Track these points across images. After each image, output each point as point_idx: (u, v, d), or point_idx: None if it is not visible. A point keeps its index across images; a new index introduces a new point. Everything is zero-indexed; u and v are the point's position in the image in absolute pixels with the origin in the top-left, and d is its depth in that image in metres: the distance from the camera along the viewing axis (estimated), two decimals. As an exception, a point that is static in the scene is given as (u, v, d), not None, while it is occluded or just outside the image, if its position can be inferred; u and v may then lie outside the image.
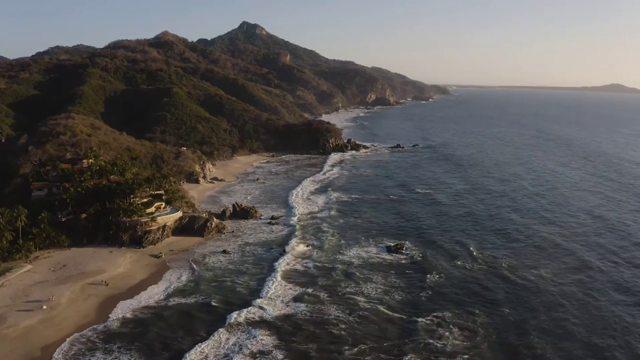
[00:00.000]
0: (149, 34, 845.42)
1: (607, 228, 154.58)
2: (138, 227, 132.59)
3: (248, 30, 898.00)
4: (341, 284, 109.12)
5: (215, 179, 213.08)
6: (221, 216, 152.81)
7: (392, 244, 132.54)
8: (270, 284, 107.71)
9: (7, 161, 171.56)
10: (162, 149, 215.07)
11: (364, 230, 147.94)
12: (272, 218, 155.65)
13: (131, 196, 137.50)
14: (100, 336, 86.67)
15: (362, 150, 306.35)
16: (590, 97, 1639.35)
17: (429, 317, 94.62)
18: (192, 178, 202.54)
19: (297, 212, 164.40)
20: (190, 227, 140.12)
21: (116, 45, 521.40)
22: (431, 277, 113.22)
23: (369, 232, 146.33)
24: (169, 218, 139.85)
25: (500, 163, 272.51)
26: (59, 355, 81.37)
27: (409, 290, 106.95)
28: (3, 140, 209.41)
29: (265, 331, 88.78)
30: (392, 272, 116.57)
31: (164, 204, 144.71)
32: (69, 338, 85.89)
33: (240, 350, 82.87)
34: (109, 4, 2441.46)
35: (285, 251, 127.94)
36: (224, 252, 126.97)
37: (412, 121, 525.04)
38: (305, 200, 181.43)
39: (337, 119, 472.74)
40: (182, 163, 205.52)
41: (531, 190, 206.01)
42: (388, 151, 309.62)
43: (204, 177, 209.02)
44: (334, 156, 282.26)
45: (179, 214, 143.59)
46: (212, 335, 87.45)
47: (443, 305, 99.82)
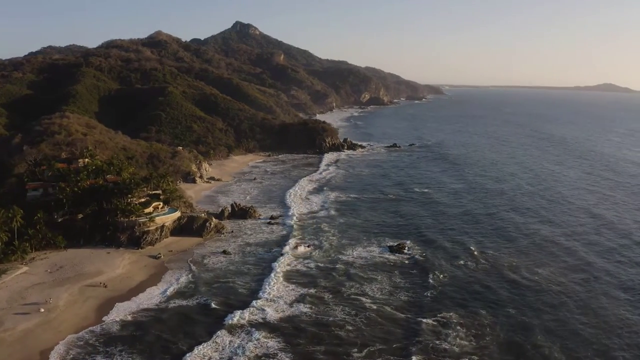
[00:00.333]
0: (142, 34, 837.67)
1: (606, 226, 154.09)
2: (136, 227, 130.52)
3: (241, 30, 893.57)
4: (345, 285, 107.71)
5: (212, 178, 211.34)
6: (220, 216, 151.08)
7: (394, 244, 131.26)
8: (272, 285, 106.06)
9: (1, 161, 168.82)
10: (158, 148, 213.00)
11: (364, 229, 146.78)
12: (272, 218, 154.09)
13: (129, 196, 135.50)
14: (100, 339, 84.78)
15: (358, 150, 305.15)
16: (583, 96, 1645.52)
17: (435, 317, 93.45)
18: (189, 178, 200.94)
19: (296, 212, 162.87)
20: (189, 227, 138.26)
21: (109, 45, 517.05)
22: (435, 277, 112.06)
23: (369, 231, 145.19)
24: (168, 218, 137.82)
25: (497, 162, 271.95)
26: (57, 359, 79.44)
27: (414, 291, 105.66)
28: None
29: (268, 333, 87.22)
30: (396, 272, 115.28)
31: (161, 204, 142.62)
32: (68, 341, 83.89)
33: (243, 352, 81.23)
34: (101, 4, 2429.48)
35: (286, 251, 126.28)
36: (224, 252, 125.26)
37: (407, 121, 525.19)
38: (304, 200, 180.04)
39: (332, 119, 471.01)
40: (179, 163, 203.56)
41: (528, 189, 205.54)
42: (385, 150, 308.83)
43: (201, 177, 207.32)
44: (331, 155, 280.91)
45: (177, 214, 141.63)
46: (213, 337, 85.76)
47: (448, 306, 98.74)
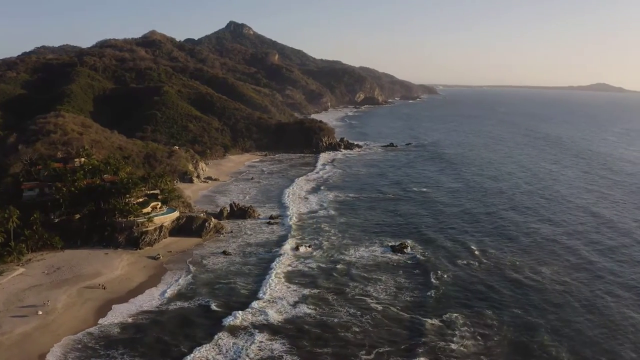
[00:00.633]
0: (135, 34, 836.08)
1: (607, 225, 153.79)
2: (134, 228, 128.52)
3: (235, 30, 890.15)
4: (349, 285, 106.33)
5: (209, 178, 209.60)
6: (219, 216, 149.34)
7: (396, 244, 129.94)
8: (274, 286, 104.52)
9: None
10: (155, 148, 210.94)
11: (364, 229, 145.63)
12: (271, 218, 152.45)
13: (127, 196, 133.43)
14: (100, 342, 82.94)
15: (355, 149, 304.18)
16: (576, 96, 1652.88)
17: (441, 318, 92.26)
18: (186, 177, 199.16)
19: (296, 211, 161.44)
20: (187, 227, 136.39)
21: (103, 45, 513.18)
22: (438, 277, 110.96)
23: (370, 231, 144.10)
24: (166, 218, 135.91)
25: (494, 161, 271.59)
26: (57, 362, 77.69)
27: (418, 291, 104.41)
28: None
29: (271, 335, 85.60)
30: (399, 272, 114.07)
31: (160, 203, 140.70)
32: (67, 345, 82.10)
33: (246, 354, 79.64)
34: (95, 4, 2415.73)
35: (287, 252, 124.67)
36: (224, 253, 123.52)
37: (402, 120, 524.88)
38: (303, 200, 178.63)
39: (327, 118, 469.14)
40: (175, 162, 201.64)
41: (527, 188, 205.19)
42: (381, 150, 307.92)
43: (198, 177, 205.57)
44: (328, 155, 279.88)
45: (176, 214, 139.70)
46: (215, 339, 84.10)
47: (453, 306, 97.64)
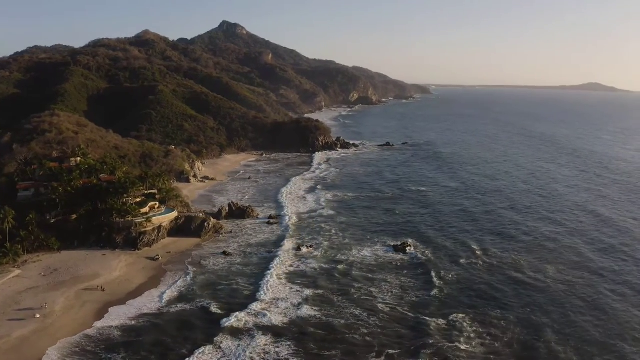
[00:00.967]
0: (128, 34, 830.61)
1: (606, 224, 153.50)
2: (132, 228, 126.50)
3: (228, 30, 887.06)
4: (353, 285, 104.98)
5: (206, 177, 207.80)
6: (217, 216, 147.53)
7: (398, 244, 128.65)
8: (275, 287, 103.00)
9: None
10: (151, 147, 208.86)
11: (364, 229, 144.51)
12: (271, 217, 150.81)
13: (124, 196, 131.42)
14: (100, 346, 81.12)
15: (351, 149, 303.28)
16: (569, 96, 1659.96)
17: (447, 318, 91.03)
18: (183, 177, 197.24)
19: (295, 211, 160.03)
20: (186, 227, 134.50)
21: (97, 44, 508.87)
22: (441, 277, 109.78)
23: (370, 230, 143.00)
24: (165, 218, 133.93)
25: (490, 160, 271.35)
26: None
27: (423, 291, 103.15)
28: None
29: (275, 337, 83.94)
30: (403, 272, 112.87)
31: (158, 203, 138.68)
32: (66, 348, 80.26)
33: (250, 357, 77.92)
34: (88, 4, 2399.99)
35: (288, 252, 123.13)
36: (224, 253, 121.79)
37: (396, 120, 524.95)
38: (301, 199, 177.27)
39: (322, 118, 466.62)
40: (172, 162, 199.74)
41: (524, 187, 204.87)
42: (378, 149, 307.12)
43: (195, 176, 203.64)
44: (324, 154, 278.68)
45: (175, 214, 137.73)
46: (215, 341, 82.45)
47: (458, 306, 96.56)
